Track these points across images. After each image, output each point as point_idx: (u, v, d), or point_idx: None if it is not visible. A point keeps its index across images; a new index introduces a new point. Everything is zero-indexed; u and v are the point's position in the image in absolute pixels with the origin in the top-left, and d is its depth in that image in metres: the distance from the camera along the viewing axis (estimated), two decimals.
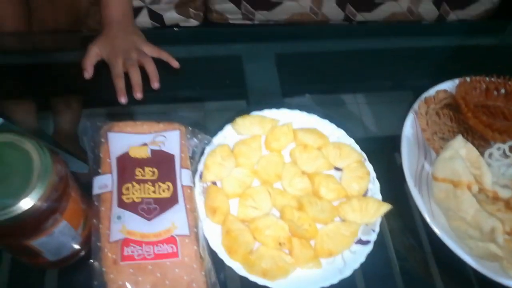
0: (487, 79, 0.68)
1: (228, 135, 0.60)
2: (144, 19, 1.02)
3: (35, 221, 0.38)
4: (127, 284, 0.41)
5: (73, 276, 0.49)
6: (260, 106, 0.63)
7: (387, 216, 0.57)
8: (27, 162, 0.37)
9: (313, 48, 0.75)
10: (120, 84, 0.61)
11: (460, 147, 0.55)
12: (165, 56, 0.66)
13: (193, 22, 1.07)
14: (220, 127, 0.60)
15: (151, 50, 0.65)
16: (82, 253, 0.48)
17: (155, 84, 0.63)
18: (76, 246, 0.46)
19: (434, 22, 0.92)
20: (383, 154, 0.64)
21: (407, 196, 0.58)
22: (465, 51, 0.81)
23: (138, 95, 0.61)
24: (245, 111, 0.62)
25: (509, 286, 0.52)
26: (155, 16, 1.00)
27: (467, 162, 0.56)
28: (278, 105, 0.63)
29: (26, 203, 0.36)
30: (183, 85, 0.66)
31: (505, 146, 0.62)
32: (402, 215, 0.59)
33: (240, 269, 0.50)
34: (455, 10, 0.88)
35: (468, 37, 0.85)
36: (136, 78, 0.61)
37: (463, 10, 0.89)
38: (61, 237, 0.42)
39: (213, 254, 0.50)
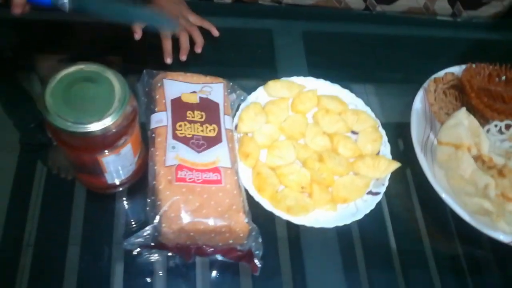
0: (491, 66, 0.77)
1: (260, 95, 0.68)
2: None
3: (111, 138, 0.45)
4: (180, 200, 0.49)
5: (122, 203, 0.57)
6: (289, 74, 0.71)
7: (395, 175, 0.65)
8: (110, 89, 0.45)
9: (336, 29, 0.84)
10: (168, 46, 0.68)
11: (463, 118, 0.63)
12: (207, 25, 0.74)
13: (226, 0, 1.14)
14: (253, 88, 0.68)
15: (195, 19, 0.73)
16: (131, 183, 0.56)
17: (199, 50, 0.71)
18: (129, 174, 0.54)
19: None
20: (395, 123, 0.72)
21: (413, 160, 0.66)
22: (472, 43, 0.89)
23: (183, 57, 0.69)
24: (276, 77, 0.70)
25: (494, 238, 0.61)
26: None
27: (469, 131, 0.64)
28: (305, 74, 0.71)
29: (108, 121, 0.43)
30: (221, 51, 0.74)
31: (502, 124, 0.70)
32: (407, 175, 0.67)
33: (267, 205, 0.58)
34: (468, 10, 0.95)
35: (477, 31, 0.94)
36: (185, 43, 0.69)
37: (475, 11, 0.96)
38: (124, 159, 0.50)
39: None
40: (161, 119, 0.54)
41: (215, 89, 0.59)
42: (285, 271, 0.58)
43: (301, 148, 0.64)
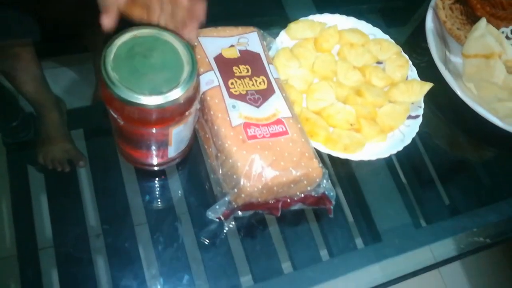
0: None
1: (284, 39, 0.66)
2: None
3: (185, 105, 0.42)
4: (258, 157, 0.47)
5: (194, 174, 0.55)
6: (299, 16, 0.68)
7: (426, 96, 0.67)
8: (174, 52, 0.41)
9: None
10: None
11: (485, 27, 0.65)
12: None
13: None
14: (272, 35, 0.66)
15: None
16: (182, 157, 0.53)
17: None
18: (188, 144, 0.51)
19: None
20: (412, 46, 0.73)
21: (438, 79, 0.68)
22: None
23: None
24: (287, 20, 0.67)
25: None
26: None
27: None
28: (313, 11, 0.69)
29: (185, 86, 0.40)
30: (224, 8, 0.69)
31: (508, 30, 0.73)
32: (436, 94, 0.69)
33: (323, 148, 0.58)
34: None
35: None
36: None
37: None
38: (189, 129, 0.47)
39: None
40: (211, 79, 0.51)
41: (251, 39, 0.56)
42: (351, 207, 0.59)
43: (337, 87, 0.64)
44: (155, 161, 0.51)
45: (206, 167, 0.55)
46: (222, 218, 0.49)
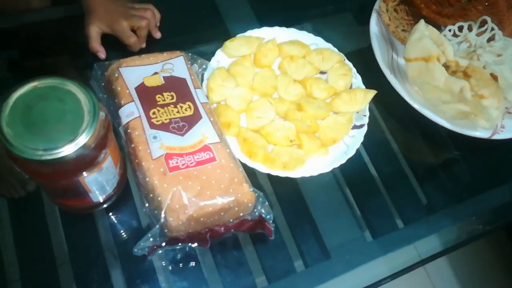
0: None
1: (220, 59, 0.64)
2: None
3: (90, 155, 0.41)
4: (180, 189, 0.46)
5: (119, 214, 0.53)
6: (240, 30, 0.67)
7: (371, 103, 0.66)
8: (75, 102, 0.40)
9: None
10: (135, 44, 0.62)
11: (424, 29, 0.64)
12: (151, 7, 0.66)
13: None
14: (211, 54, 0.64)
15: (140, 5, 0.65)
16: (118, 194, 0.52)
17: (159, 35, 0.66)
18: (115, 185, 0.50)
19: None
20: (356, 52, 0.72)
21: (384, 84, 0.66)
22: None
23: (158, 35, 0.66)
24: (228, 37, 0.66)
25: (475, 137, 0.64)
26: None
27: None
28: (256, 26, 0.68)
29: (83, 138, 0.39)
30: (165, 24, 0.67)
31: (455, 27, 0.72)
32: (382, 99, 0.68)
33: (262, 168, 0.57)
34: None
35: None
36: (145, 33, 0.63)
37: None
38: (107, 174, 0.46)
39: None
40: (131, 111, 0.50)
41: (177, 64, 0.55)
42: (295, 225, 0.58)
43: (277, 102, 0.62)
44: (80, 207, 0.50)
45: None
46: (148, 255, 0.47)
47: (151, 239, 0.46)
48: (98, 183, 0.46)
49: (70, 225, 0.52)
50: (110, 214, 0.52)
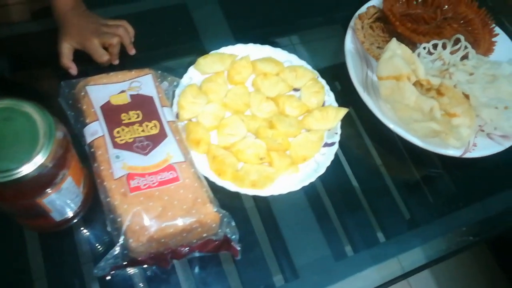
0: None
1: (193, 75, 0.64)
2: None
3: (47, 176, 0.41)
4: (140, 210, 0.46)
5: (81, 234, 0.53)
6: (216, 46, 0.67)
7: (344, 121, 0.66)
8: (30, 123, 0.40)
9: None
10: (107, 62, 0.62)
11: (396, 48, 0.64)
12: (125, 24, 0.66)
13: None
14: (184, 71, 0.65)
15: (114, 22, 0.65)
16: (83, 212, 0.52)
17: (133, 52, 0.66)
18: (79, 205, 0.49)
19: None
20: (331, 68, 0.72)
21: (358, 101, 0.67)
22: None
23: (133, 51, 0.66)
24: (204, 52, 0.66)
25: (448, 155, 0.64)
26: None
27: (403, 59, 0.65)
28: (231, 43, 0.68)
29: (40, 158, 0.38)
30: (140, 40, 0.67)
31: (429, 45, 0.72)
32: (356, 117, 0.68)
33: (231, 186, 0.57)
34: None
35: None
36: (117, 50, 0.63)
37: None
38: (67, 194, 0.45)
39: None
40: (95, 130, 0.49)
41: (145, 82, 0.55)
42: (265, 244, 0.57)
43: (250, 120, 0.62)
44: (44, 226, 0.49)
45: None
46: (109, 276, 0.47)
47: (111, 260, 0.46)
48: (59, 203, 0.45)
49: (35, 244, 0.52)
50: (75, 233, 0.52)
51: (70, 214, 0.49)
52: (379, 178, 0.65)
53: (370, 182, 0.64)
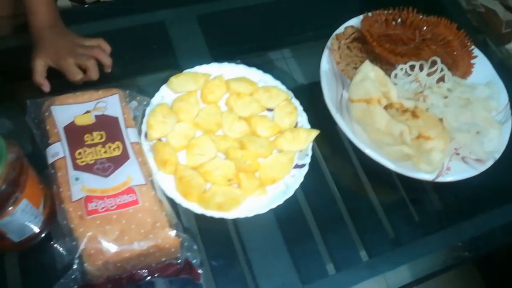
0: (386, 11, 0.78)
1: (165, 94, 0.64)
2: (63, 2, 0.99)
3: None
4: (96, 234, 0.45)
5: (39, 256, 0.52)
6: (191, 64, 0.68)
7: (318, 142, 0.65)
8: None
9: (231, 5, 0.80)
10: (81, 81, 0.62)
11: (369, 70, 0.64)
12: (102, 44, 0.67)
13: None
14: (157, 89, 0.65)
15: (90, 42, 0.66)
16: (45, 232, 0.51)
17: (109, 70, 0.65)
18: (39, 225, 0.49)
19: None
20: (308, 89, 0.72)
21: (332, 122, 0.66)
22: None
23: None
24: (179, 71, 0.66)
25: (419, 178, 0.63)
26: None
27: (376, 82, 0.65)
28: (207, 61, 0.68)
29: None
30: (116, 58, 0.67)
31: (406, 66, 0.72)
32: (330, 138, 0.68)
33: (197, 208, 0.56)
34: None
35: None
36: (94, 73, 0.62)
37: None
38: (24, 216, 0.45)
39: (170, 202, 0.56)
40: (56, 151, 0.49)
41: (111, 103, 0.55)
42: (229, 268, 0.57)
43: (220, 140, 0.62)
44: (3, 247, 0.49)
45: None
46: None
47: (66, 284, 0.45)
48: (15, 225, 0.45)
49: None
50: (35, 253, 0.52)
51: (30, 234, 0.49)
52: (349, 200, 0.64)
53: (339, 204, 0.64)
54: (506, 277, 1.14)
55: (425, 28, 0.78)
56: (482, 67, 0.78)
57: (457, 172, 0.65)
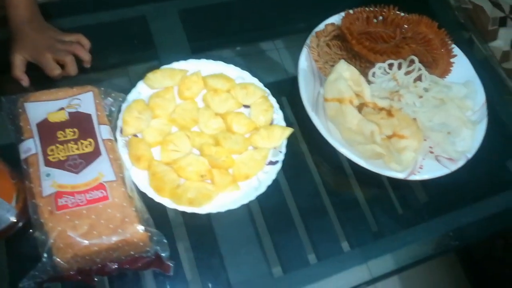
0: (367, 9, 0.78)
1: (142, 90, 0.65)
2: None
3: None
4: (66, 229, 0.47)
5: (11, 249, 0.53)
6: (170, 60, 0.68)
7: (294, 138, 0.66)
8: None
9: (213, 0, 0.80)
10: (59, 76, 0.63)
11: (344, 69, 0.65)
12: (82, 39, 0.67)
13: None
14: (134, 85, 0.66)
15: (70, 37, 0.66)
16: (20, 224, 0.52)
17: (88, 65, 0.67)
18: (12, 219, 0.50)
19: None
20: (286, 86, 0.73)
21: (308, 119, 0.67)
22: None
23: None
24: (159, 66, 0.67)
25: (391, 176, 0.64)
26: None
27: (351, 81, 0.66)
28: (184, 57, 0.69)
29: None
30: (96, 52, 0.68)
31: (385, 65, 0.72)
32: (305, 135, 0.69)
33: (169, 203, 0.58)
34: None
35: None
36: (73, 69, 0.64)
37: None
38: None
39: (144, 197, 0.57)
40: (29, 147, 0.51)
41: (85, 100, 0.56)
42: (202, 260, 0.59)
43: (196, 136, 0.63)
44: None
45: None
46: None
47: (36, 276, 0.47)
48: None
49: None
50: (8, 246, 0.53)
51: (2, 228, 0.51)
52: (318, 197, 0.66)
53: (310, 201, 0.65)
54: (483, 265, 1.17)
55: (406, 26, 0.78)
56: (461, 66, 0.78)
57: (429, 170, 0.67)
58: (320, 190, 0.65)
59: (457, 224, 0.69)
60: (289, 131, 0.65)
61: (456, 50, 0.79)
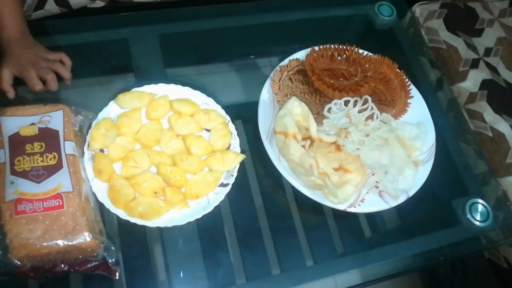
0: (333, 46, 0.84)
1: (112, 110, 0.72)
2: (51, 6, 1.07)
3: None
4: (22, 231, 0.54)
5: None
6: (143, 83, 0.75)
7: (247, 164, 0.73)
8: None
9: (192, 27, 0.87)
10: (40, 91, 0.70)
11: (295, 106, 0.71)
12: (64, 58, 0.75)
13: (100, 3, 1.13)
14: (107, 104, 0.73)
15: (54, 56, 0.74)
16: None
17: (69, 82, 0.74)
18: None
19: None
20: (247, 115, 0.79)
21: (262, 148, 0.73)
22: (317, 23, 0.95)
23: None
24: (129, 88, 0.74)
25: (332, 206, 0.70)
26: (60, 1, 1.06)
27: (301, 117, 0.72)
28: (158, 81, 0.76)
29: None
30: (77, 69, 0.76)
31: (341, 101, 0.78)
32: (258, 162, 0.75)
33: (123, 215, 0.64)
34: None
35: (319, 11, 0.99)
36: (53, 85, 0.71)
37: None
38: None
39: (101, 207, 0.64)
40: None
41: (55, 117, 0.63)
42: (150, 268, 0.65)
43: (156, 155, 0.70)
44: None
45: None
46: None
47: None
48: None
49: None
50: None
51: None
52: (257, 221, 0.71)
53: (249, 223, 0.71)
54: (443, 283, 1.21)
55: (367, 65, 0.83)
56: (418, 107, 0.83)
57: (370, 204, 0.72)
58: (259, 214, 0.71)
59: (421, 248, 0.75)
60: (241, 157, 0.71)
61: (414, 91, 0.84)
